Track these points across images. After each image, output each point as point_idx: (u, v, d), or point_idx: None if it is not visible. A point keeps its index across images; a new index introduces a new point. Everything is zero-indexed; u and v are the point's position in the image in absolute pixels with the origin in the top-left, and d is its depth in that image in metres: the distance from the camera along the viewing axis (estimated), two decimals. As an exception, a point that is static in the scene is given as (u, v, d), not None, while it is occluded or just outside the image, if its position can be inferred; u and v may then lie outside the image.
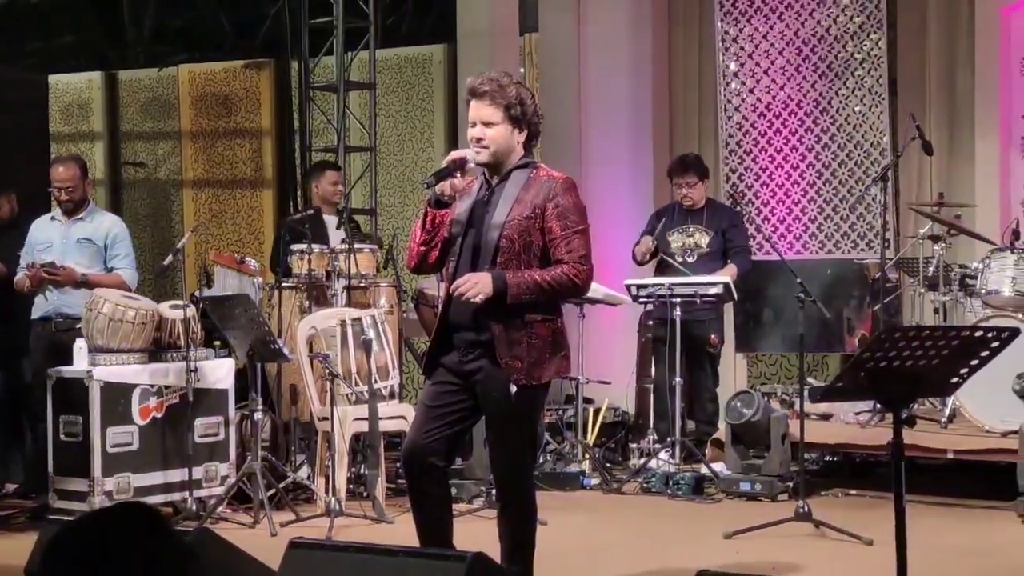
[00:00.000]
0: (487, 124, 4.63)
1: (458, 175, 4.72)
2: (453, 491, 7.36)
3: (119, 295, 7.05)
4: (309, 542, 3.80)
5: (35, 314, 7.36)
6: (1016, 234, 7.64)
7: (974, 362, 3.73)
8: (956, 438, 7.27)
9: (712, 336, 8.28)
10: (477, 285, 4.50)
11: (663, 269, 8.41)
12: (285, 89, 11.26)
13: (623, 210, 9.79)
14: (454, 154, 4.72)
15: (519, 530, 4.70)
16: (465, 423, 4.76)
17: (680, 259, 8.36)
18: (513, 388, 4.56)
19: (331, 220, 8.31)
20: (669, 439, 7.88)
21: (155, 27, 11.65)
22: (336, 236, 8.10)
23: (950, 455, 7.19)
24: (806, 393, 6.92)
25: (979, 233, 8.07)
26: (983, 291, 7.50)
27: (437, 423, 4.68)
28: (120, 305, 6.94)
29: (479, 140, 4.64)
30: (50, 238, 7.36)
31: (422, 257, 4.78)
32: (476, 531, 6.66)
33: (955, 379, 3.81)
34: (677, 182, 8.48)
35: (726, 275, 8.09)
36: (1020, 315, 7.20)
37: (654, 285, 8.06)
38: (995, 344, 3.68)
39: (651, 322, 8.30)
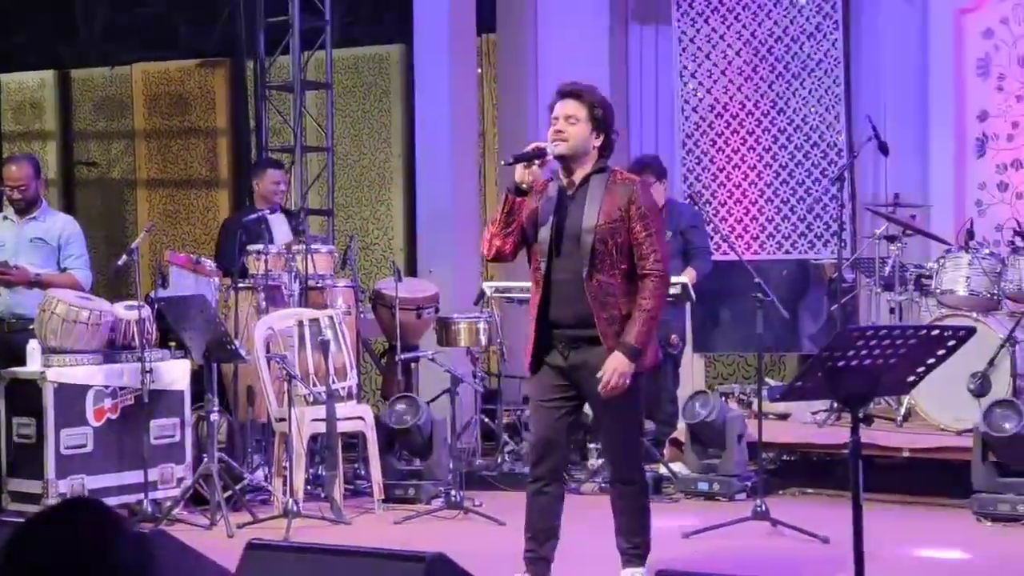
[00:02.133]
0: (570, 119, 4.94)
1: (536, 163, 4.95)
2: (411, 492, 7.41)
3: (73, 295, 6.99)
4: (267, 543, 3.77)
5: (-13, 314, 7.29)
6: (970, 234, 7.70)
7: (930, 361, 3.76)
8: (912, 436, 7.32)
9: (672, 336, 8.28)
10: (622, 376, 4.90)
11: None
12: (240, 88, 11.19)
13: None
14: (536, 143, 4.98)
15: (639, 502, 5.22)
16: (572, 417, 5.15)
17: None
18: None
19: (275, 219, 8.25)
20: (627, 439, 7.88)
21: (108, 25, 11.55)
22: (283, 235, 8.05)
23: (906, 453, 7.24)
24: (764, 393, 6.95)
25: (934, 233, 8.13)
26: (938, 291, 7.55)
27: (556, 416, 5.06)
28: (74, 306, 6.88)
29: (559, 132, 4.94)
30: (2, 238, 7.29)
31: (498, 246, 5.02)
32: (436, 532, 6.66)
33: (912, 378, 3.84)
34: (636, 181, 8.49)
35: (686, 278, 8.08)
36: (975, 314, 7.25)
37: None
38: (951, 343, 3.71)
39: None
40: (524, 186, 4.95)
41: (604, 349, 4.93)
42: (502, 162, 5.02)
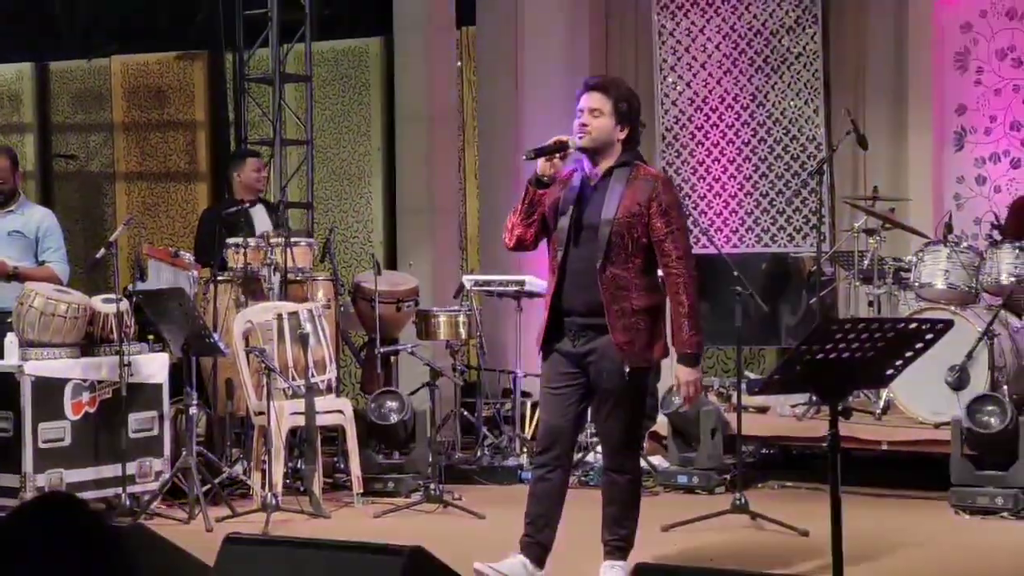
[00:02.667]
0: (594, 112, 4.95)
1: (557, 157, 4.99)
2: (391, 485, 7.41)
3: (51, 289, 6.96)
4: (245, 537, 3.76)
5: (-35, 308, 7.25)
6: (949, 228, 7.72)
7: (909, 354, 3.77)
8: (890, 430, 7.34)
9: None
10: (693, 384, 5.08)
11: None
12: (219, 81, 11.15)
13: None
14: (558, 137, 4.99)
15: (630, 493, 5.23)
16: (582, 404, 5.17)
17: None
18: (627, 369, 4.98)
19: (257, 211, 8.24)
20: (607, 432, 7.88)
21: (87, 17, 11.49)
22: (265, 227, 8.03)
23: (884, 446, 7.27)
24: (743, 386, 6.96)
25: (913, 227, 8.16)
26: (917, 284, 7.58)
27: (565, 403, 5.12)
28: (52, 299, 6.84)
29: (583, 125, 4.97)
30: (-21, 231, 7.25)
31: (519, 235, 5.12)
32: (415, 525, 6.65)
33: (890, 371, 3.85)
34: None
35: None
36: (953, 308, 7.28)
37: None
38: (929, 336, 3.72)
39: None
40: (545, 178, 5.02)
41: (611, 339, 4.97)
42: (523, 157, 5.03)
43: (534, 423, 8.47)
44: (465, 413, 8.39)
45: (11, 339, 6.79)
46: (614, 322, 4.97)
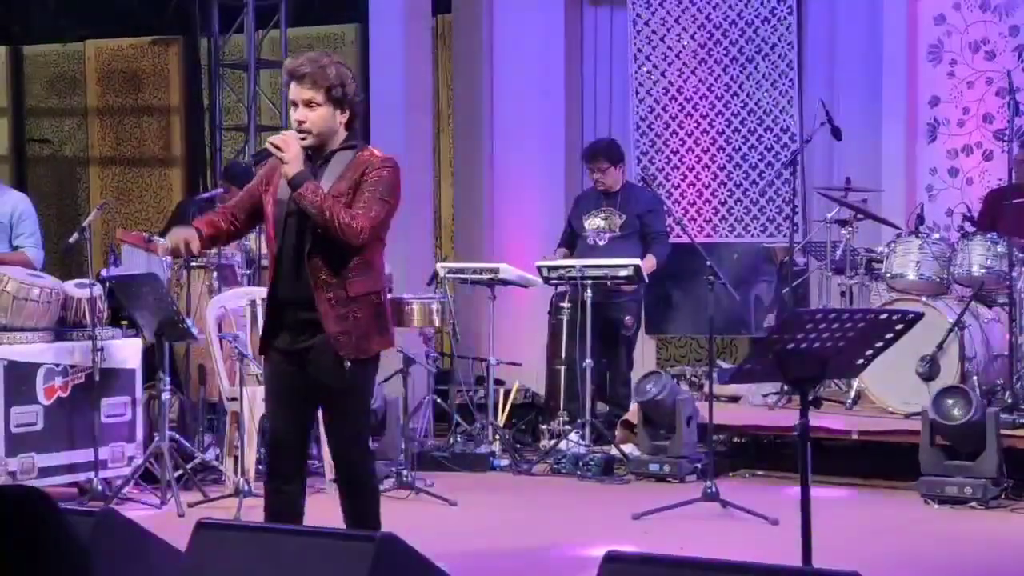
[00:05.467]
0: (308, 104, 4.57)
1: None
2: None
3: (24, 273, 6.93)
4: (217, 522, 3.76)
5: (-63, 292, 7.22)
6: (921, 219, 7.76)
7: (879, 344, 3.80)
8: (861, 419, 7.38)
9: (627, 318, 8.32)
10: (291, 149, 4.51)
11: (579, 252, 8.43)
12: (194, 66, 11.12)
13: (534, 191, 9.83)
14: (275, 139, 4.58)
15: (359, 504, 4.69)
16: (310, 404, 4.71)
17: (592, 241, 8.39)
18: (347, 363, 4.55)
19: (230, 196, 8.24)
20: (579, 420, 7.91)
21: (60, 1, 11.44)
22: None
23: (855, 436, 7.30)
24: (715, 375, 6.99)
25: (885, 218, 8.20)
26: (888, 275, 7.62)
27: (291, 409, 4.67)
28: (25, 283, 6.82)
29: (301, 123, 4.58)
30: (-47, 216, 7.22)
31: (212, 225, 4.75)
32: (387, 512, 6.65)
33: (861, 361, 3.88)
34: (590, 167, 8.52)
35: (646, 265, 8.11)
36: (924, 298, 7.32)
37: (565, 267, 8.09)
38: (900, 327, 3.75)
39: (566, 304, 8.29)
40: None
41: (330, 340, 4.55)
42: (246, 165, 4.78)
43: (507, 410, 8.49)
44: (438, 400, 8.40)
45: (-17, 323, 6.76)
46: (327, 312, 4.53)
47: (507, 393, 8.63)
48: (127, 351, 7.14)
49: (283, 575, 3.38)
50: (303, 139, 4.57)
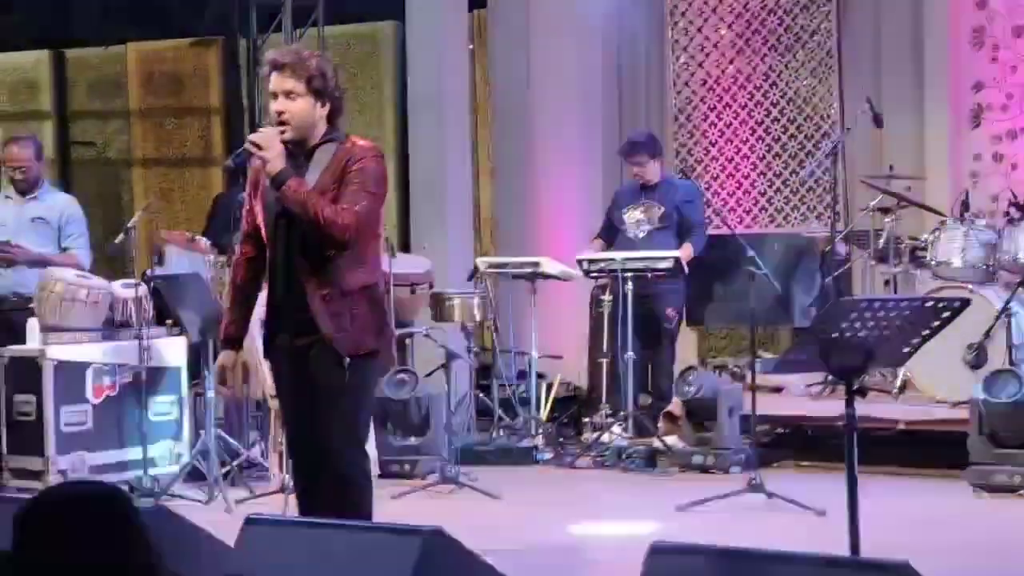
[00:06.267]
0: (288, 95, 4.49)
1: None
2: (407, 467, 7.43)
3: (72, 274, 7.02)
4: (265, 518, 3.79)
5: (-12, 293, 7.32)
6: (965, 206, 7.70)
7: (925, 332, 3.78)
8: (907, 409, 7.34)
9: (669, 310, 8.29)
10: (272, 146, 4.42)
11: (618, 245, 8.41)
12: (234, 67, 11.17)
13: (573, 184, 9.80)
14: (254, 137, 4.52)
15: (348, 505, 4.51)
16: (316, 401, 4.59)
17: (632, 234, 8.37)
18: (346, 361, 4.47)
19: None
20: (622, 413, 7.91)
21: (102, 5, 11.51)
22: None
23: (901, 426, 7.25)
24: (757, 366, 6.97)
25: (929, 205, 8.14)
26: (933, 263, 7.56)
27: (301, 409, 4.61)
28: (73, 284, 6.91)
29: (281, 114, 4.49)
30: (3, 217, 7.31)
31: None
32: (432, 506, 6.69)
33: (907, 349, 3.86)
34: (629, 161, 8.49)
35: (683, 253, 8.09)
36: (970, 286, 7.26)
37: (605, 260, 8.08)
38: (946, 315, 3.73)
39: (607, 296, 8.28)
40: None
41: (328, 338, 4.49)
42: (224, 167, 4.69)
43: (549, 403, 8.49)
44: (480, 395, 8.41)
45: (33, 324, 6.84)
46: (321, 309, 4.47)
47: (549, 387, 8.62)
48: (173, 350, 7.21)
49: (331, 569, 3.41)
50: (283, 132, 4.48)
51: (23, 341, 6.87)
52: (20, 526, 2.37)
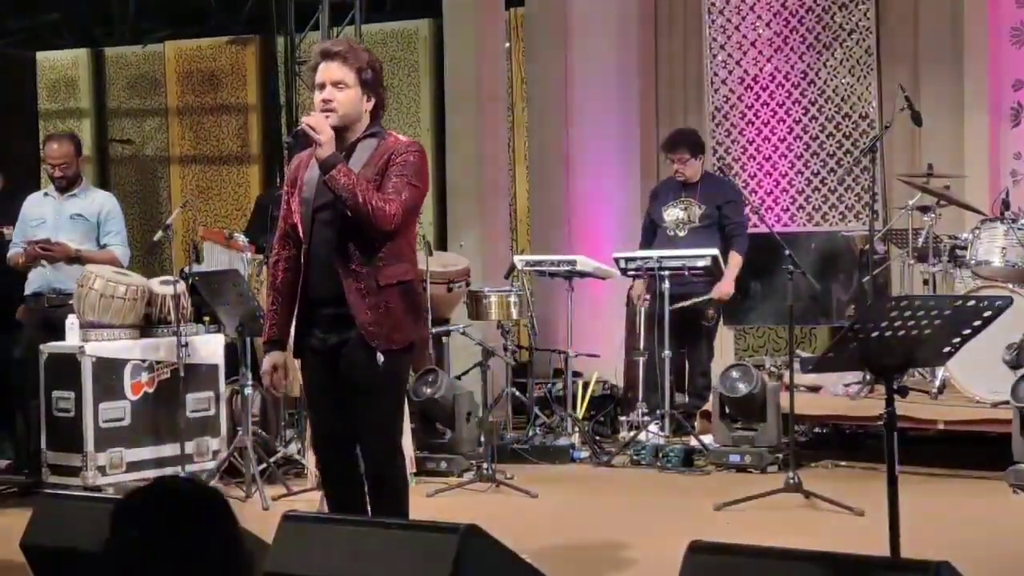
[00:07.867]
0: (337, 85, 4.49)
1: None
2: (443, 465, 7.44)
3: (111, 271, 7.06)
4: (302, 515, 3.81)
5: (28, 289, 7.36)
6: (1006, 204, 7.63)
7: (966, 332, 3.74)
8: (947, 409, 7.29)
9: (708, 310, 8.26)
10: (325, 131, 4.40)
11: (658, 242, 8.38)
12: (271, 65, 11.22)
13: (610, 183, 9.79)
14: (309, 120, 4.47)
15: (386, 502, 4.54)
16: (349, 400, 4.56)
17: (672, 232, 8.34)
18: (380, 356, 4.44)
19: None
20: (659, 412, 7.89)
21: (140, 3, 11.58)
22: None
23: (941, 426, 7.20)
24: (796, 364, 6.93)
25: (968, 203, 8.08)
26: (973, 262, 7.50)
27: (331, 409, 4.58)
28: (111, 281, 6.94)
29: (327, 102, 4.48)
30: (43, 214, 7.36)
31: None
32: (469, 504, 6.69)
33: (947, 349, 3.82)
34: (670, 158, 8.45)
35: (733, 263, 8.08)
36: (1011, 285, 7.20)
37: (642, 258, 8.06)
38: (987, 314, 3.69)
39: (646, 295, 8.25)
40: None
41: (362, 332, 4.46)
42: (285, 145, 4.68)
43: (585, 402, 8.48)
44: (516, 393, 8.41)
45: (72, 320, 6.89)
46: (357, 303, 4.43)
47: (585, 385, 8.61)
48: (210, 347, 7.24)
49: (368, 566, 3.41)
50: (328, 117, 4.46)
51: (62, 338, 6.91)
52: (131, 518, 2.36)
